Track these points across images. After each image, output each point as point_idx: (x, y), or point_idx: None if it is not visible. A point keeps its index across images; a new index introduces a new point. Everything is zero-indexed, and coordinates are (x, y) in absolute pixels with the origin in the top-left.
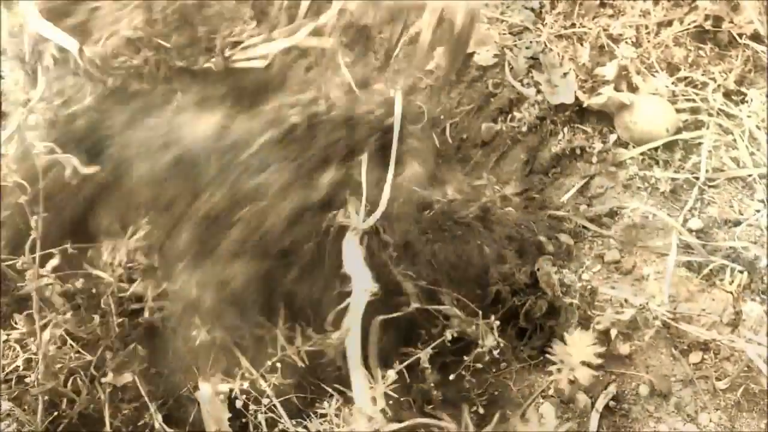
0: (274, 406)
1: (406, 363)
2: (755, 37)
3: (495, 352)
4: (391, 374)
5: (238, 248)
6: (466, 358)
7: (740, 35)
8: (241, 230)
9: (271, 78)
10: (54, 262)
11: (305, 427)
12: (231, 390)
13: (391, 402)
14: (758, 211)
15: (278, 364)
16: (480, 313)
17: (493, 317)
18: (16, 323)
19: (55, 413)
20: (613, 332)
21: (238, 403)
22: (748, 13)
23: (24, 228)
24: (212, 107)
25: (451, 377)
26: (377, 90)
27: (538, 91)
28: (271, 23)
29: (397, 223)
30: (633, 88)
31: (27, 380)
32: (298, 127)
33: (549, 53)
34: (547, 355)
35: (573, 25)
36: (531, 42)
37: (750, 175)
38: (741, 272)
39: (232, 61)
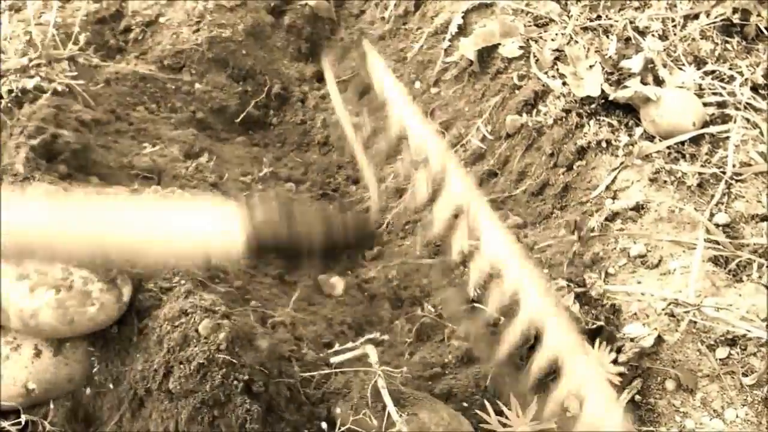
0: None
1: None
2: None
3: None
4: None
5: None
6: None
7: None
8: None
9: None
10: None
11: None
12: None
13: None
14: None
15: None
16: None
17: None
18: None
19: None
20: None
21: None
22: None
23: None
24: None
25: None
26: None
27: (564, 84)
28: None
29: None
30: (659, 81)
31: None
32: None
33: (575, 45)
34: None
35: (599, 17)
36: (557, 34)
37: None
38: None
39: None
